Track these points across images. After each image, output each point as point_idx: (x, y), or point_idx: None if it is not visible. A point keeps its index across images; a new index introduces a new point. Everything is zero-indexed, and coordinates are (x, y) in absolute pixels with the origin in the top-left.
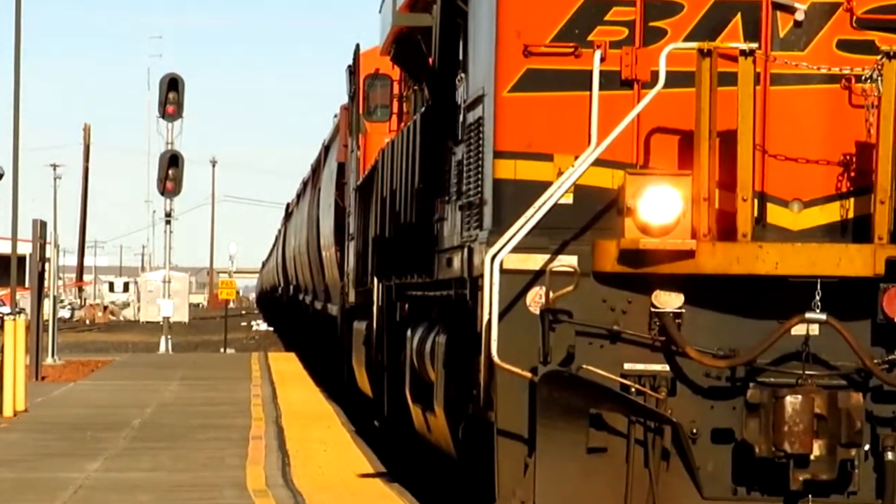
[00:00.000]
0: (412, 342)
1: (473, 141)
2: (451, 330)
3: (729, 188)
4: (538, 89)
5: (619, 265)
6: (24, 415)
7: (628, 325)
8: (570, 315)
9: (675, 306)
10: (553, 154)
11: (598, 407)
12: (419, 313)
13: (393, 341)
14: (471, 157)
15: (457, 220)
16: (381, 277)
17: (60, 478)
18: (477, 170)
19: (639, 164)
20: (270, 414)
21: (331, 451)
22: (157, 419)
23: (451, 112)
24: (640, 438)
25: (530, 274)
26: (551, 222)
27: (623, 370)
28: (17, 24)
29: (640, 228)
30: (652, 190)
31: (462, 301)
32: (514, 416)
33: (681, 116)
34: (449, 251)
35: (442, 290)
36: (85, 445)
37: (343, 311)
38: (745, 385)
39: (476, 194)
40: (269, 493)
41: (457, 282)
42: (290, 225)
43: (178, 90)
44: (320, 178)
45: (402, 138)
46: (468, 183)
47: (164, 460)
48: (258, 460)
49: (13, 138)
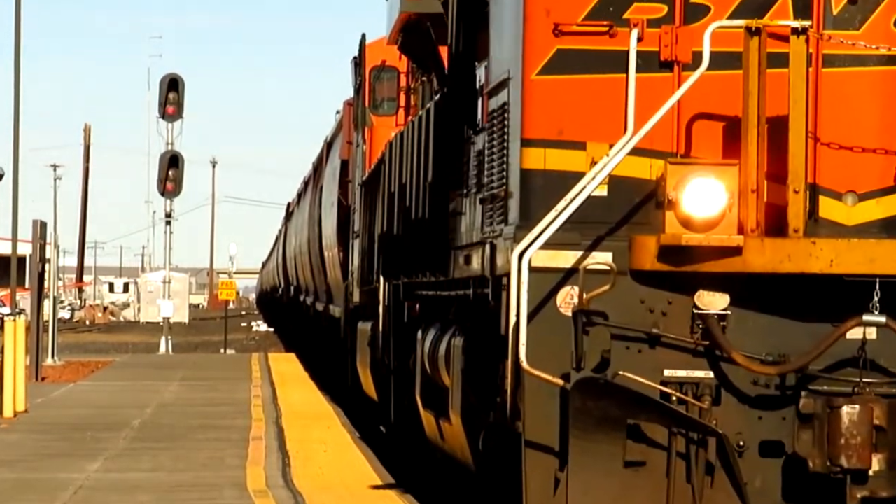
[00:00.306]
0: (423, 344)
1: (497, 129)
2: (469, 332)
3: (778, 179)
4: (569, 72)
5: (658, 263)
6: (24, 415)
7: (669, 327)
8: (605, 317)
9: (719, 308)
10: (586, 142)
11: (636, 417)
12: (431, 314)
13: (401, 343)
14: (494, 147)
15: (476, 214)
16: (389, 276)
17: (60, 478)
18: (501, 160)
19: (679, 153)
20: (271, 414)
21: (331, 452)
22: (157, 420)
23: (470, 99)
24: (681, 451)
25: (561, 272)
26: (583, 216)
27: (663, 377)
28: (17, 24)
29: (682, 223)
30: (696, 181)
31: (482, 301)
32: (544, 426)
33: (725, 101)
34: (467, 248)
35: (458, 289)
36: (85, 446)
37: (347, 311)
38: (797, 394)
39: (500, 186)
40: (270, 493)
41: (476, 281)
42: (290, 225)
43: (178, 90)
44: (322, 176)
45: (412, 129)
46: (490, 174)
47: (164, 461)
48: (258, 461)
49: (13, 138)
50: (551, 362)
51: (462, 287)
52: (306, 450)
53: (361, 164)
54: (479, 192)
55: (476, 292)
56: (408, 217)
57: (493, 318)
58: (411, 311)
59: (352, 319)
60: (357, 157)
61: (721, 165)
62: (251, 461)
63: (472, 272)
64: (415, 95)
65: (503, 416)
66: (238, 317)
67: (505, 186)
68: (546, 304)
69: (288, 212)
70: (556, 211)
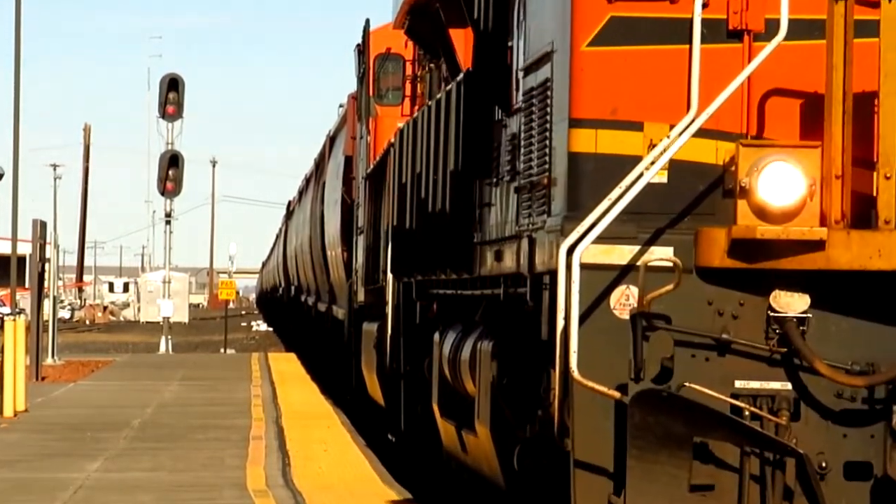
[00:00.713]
0: (442, 348)
1: (537, 109)
2: (500, 336)
3: (866, 164)
4: (625, 42)
5: (729, 258)
6: (25, 415)
7: (740, 332)
8: (667, 320)
9: (799, 310)
10: (643, 122)
11: (703, 435)
12: (451, 315)
13: (413, 346)
14: (532, 129)
15: (510, 204)
16: (400, 274)
17: (60, 478)
18: (542, 143)
19: (749, 133)
20: (270, 414)
21: (331, 452)
22: (157, 419)
23: (502, 77)
24: (755, 474)
25: (615, 270)
26: (640, 206)
27: (734, 389)
28: (18, 25)
29: (756, 213)
30: (773, 165)
31: (517, 302)
32: (597, 444)
33: (804, 75)
34: (497, 242)
35: (485, 288)
36: (85, 446)
37: (351, 311)
38: (888, 408)
39: (541, 173)
40: (270, 493)
41: (509, 279)
42: (291, 223)
43: (178, 90)
44: (325, 173)
45: (428, 114)
46: (528, 160)
47: (164, 460)
48: (258, 460)
49: (13, 138)
50: (604, 372)
51: (490, 286)
52: (306, 449)
53: (365, 157)
54: (514, 181)
55: (508, 292)
56: (423, 209)
57: (531, 321)
58: (425, 311)
59: (356, 320)
60: (361, 150)
61: (802, 148)
62: (251, 461)
63: (504, 269)
64: (421, 84)
65: (545, 430)
66: (238, 316)
67: (548, 173)
68: (598, 306)
69: (289, 210)
70: (610, 200)
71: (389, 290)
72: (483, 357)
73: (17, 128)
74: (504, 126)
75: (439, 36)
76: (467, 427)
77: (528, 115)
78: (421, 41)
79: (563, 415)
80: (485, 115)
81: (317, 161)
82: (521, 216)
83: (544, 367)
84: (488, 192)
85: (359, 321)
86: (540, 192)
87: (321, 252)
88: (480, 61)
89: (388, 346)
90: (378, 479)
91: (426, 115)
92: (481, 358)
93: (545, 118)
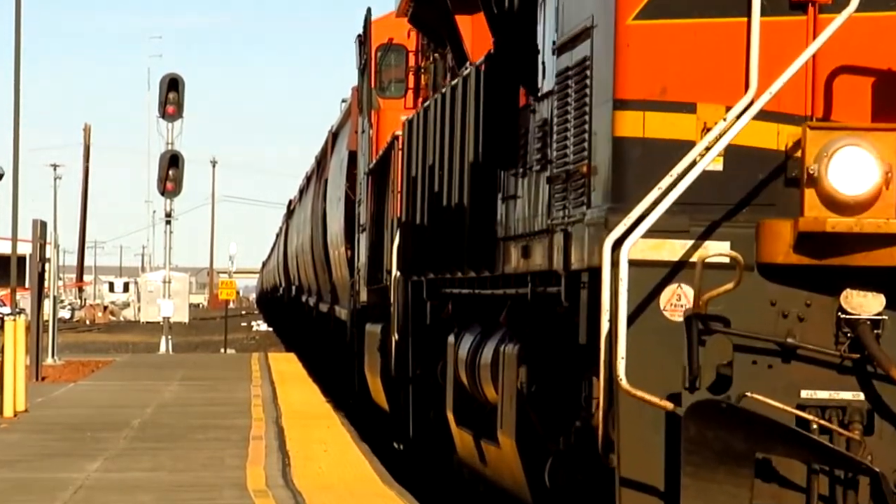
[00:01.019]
0: (458, 351)
1: (574, 91)
2: (528, 339)
3: None
4: (676, 15)
5: (795, 254)
6: (25, 415)
7: (807, 336)
8: (725, 323)
9: (873, 311)
10: (696, 103)
11: (766, 450)
12: (467, 315)
13: (422, 348)
14: (568, 113)
15: (540, 196)
16: (409, 272)
17: (60, 478)
18: (580, 128)
19: (815, 115)
20: (271, 414)
21: (331, 452)
22: (157, 419)
23: (529, 58)
24: (824, 494)
25: (665, 266)
26: (693, 196)
27: (800, 399)
28: (18, 25)
29: (826, 203)
30: (845, 151)
31: (548, 302)
32: (646, 460)
33: (876, 51)
34: (524, 237)
35: (510, 287)
36: (85, 446)
37: (353, 312)
38: None
39: (578, 161)
40: (270, 493)
41: (538, 277)
42: (292, 222)
43: (178, 90)
44: (327, 169)
45: (441, 103)
46: (562, 147)
47: (164, 460)
48: (258, 460)
49: (13, 138)
50: (654, 380)
51: (515, 284)
52: (306, 449)
53: (367, 152)
54: (545, 170)
55: (536, 291)
56: (436, 204)
57: (566, 323)
58: (437, 311)
59: (358, 321)
60: (363, 144)
61: (877, 131)
62: (251, 461)
63: (533, 267)
64: (425, 75)
65: (582, 443)
66: (238, 316)
67: (587, 161)
68: (647, 307)
69: (289, 209)
70: (660, 189)
71: (394, 290)
72: (507, 361)
73: (17, 128)
74: (532, 111)
75: (445, 23)
76: (487, 436)
77: (563, 97)
78: (425, 29)
79: (608, 427)
80: (509, 101)
81: (318, 158)
82: (554, 208)
83: (581, 374)
84: (513, 183)
85: (361, 322)
86: (577, 181)
87: (323, 251)
88: (503, 43)
89: (394, 349)
90: (378, 480)
91: (439, 104)
92: (505, 362)
93: (583, 101)
